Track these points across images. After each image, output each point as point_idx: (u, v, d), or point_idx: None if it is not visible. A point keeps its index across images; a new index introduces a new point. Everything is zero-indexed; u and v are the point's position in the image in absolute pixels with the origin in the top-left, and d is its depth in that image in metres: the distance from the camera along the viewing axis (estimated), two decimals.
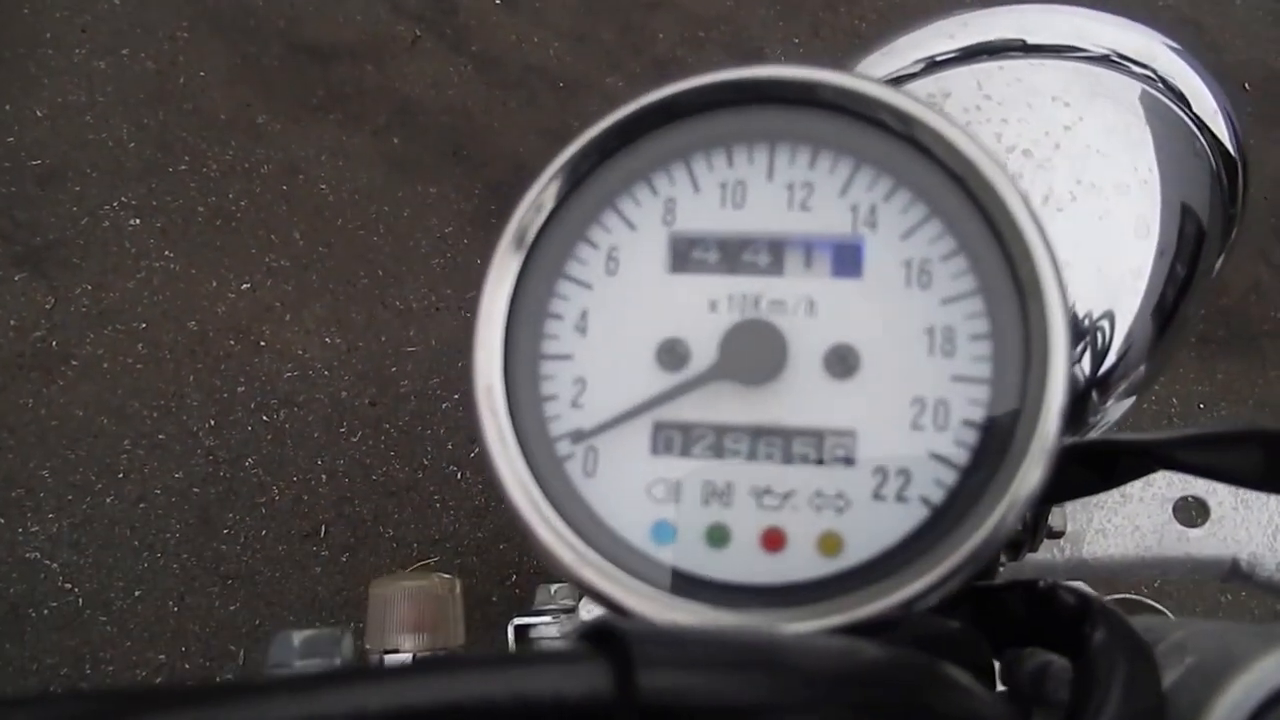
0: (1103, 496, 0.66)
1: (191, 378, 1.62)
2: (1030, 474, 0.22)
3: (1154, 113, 0.43)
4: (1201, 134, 0.44)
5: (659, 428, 0.24)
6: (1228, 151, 0.45)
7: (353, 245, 1.83)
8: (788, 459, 0.24)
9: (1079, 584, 0.74)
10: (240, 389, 1.63)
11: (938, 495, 0.23)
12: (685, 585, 0.23)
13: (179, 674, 1.41)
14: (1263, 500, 0.65)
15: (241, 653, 1.44)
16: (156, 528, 1.49)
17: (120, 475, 1.53)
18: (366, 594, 0.54)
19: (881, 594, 0.22)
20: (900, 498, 0.23)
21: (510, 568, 1.60)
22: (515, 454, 0.24)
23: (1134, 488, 0.67)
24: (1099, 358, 0.41)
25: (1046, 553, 0.66)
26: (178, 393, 1.60)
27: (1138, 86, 0.42)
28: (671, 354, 0.24)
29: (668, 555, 0.23)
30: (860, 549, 0.23)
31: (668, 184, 0.25)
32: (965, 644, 0.27)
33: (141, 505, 1.51)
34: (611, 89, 2.08)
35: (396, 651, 0.51)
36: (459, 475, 1.62)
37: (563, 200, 0.25)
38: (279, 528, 1.52)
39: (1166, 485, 0.67)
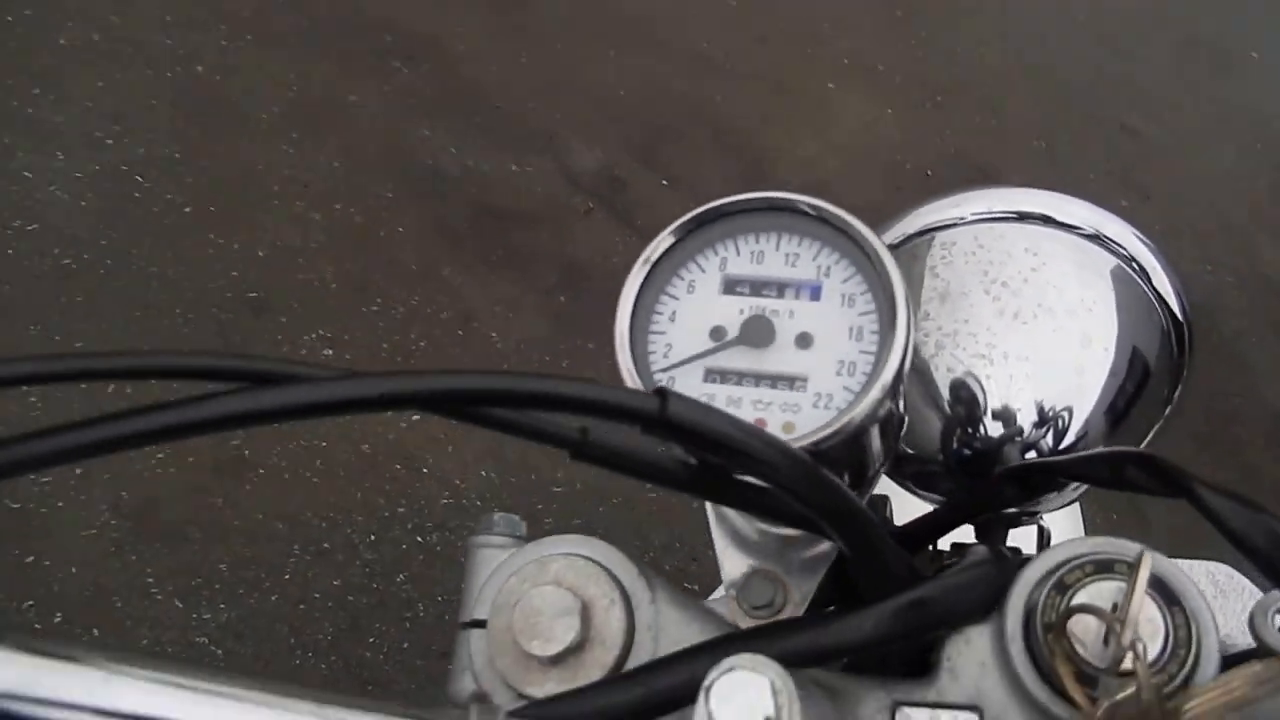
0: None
1: (359, 495, 1.83)
2: (883, 386, 0.42)
3: (1120, 279, 0.64)
4: (1157, 302, 0.64)
5: (708, 371, 0.45)
6: (1177, 317, 0.65)
7: None
8: (774, 387, 0.44)
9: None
10: (400, 509, 1.82)
11: (844, 402, 0.43)
12: None
13: None
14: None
15: None
16: (312, 629, 1.66)
17: (286, 576, 1.71)
18: None
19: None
20: (826, 408, 0.43)
21: None
22: (632, 371, 0.45)
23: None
24: (1059, 437, 0.60)
25: None
26: (345, 507, 1.81)
27: (1114, 260, 0.64)
28: (717, 332, 0.46)
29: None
30: (803, 430, 0.43)
31: (723, 250, 0.47)
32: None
33: (301, 606, 1.68)
34: None
35: None
36: None
37: (667, 252, 0.47)
38: (420, 643, 1.66)
39: None
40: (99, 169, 2.23)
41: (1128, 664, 0.36)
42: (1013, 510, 0.62)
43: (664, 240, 0.47)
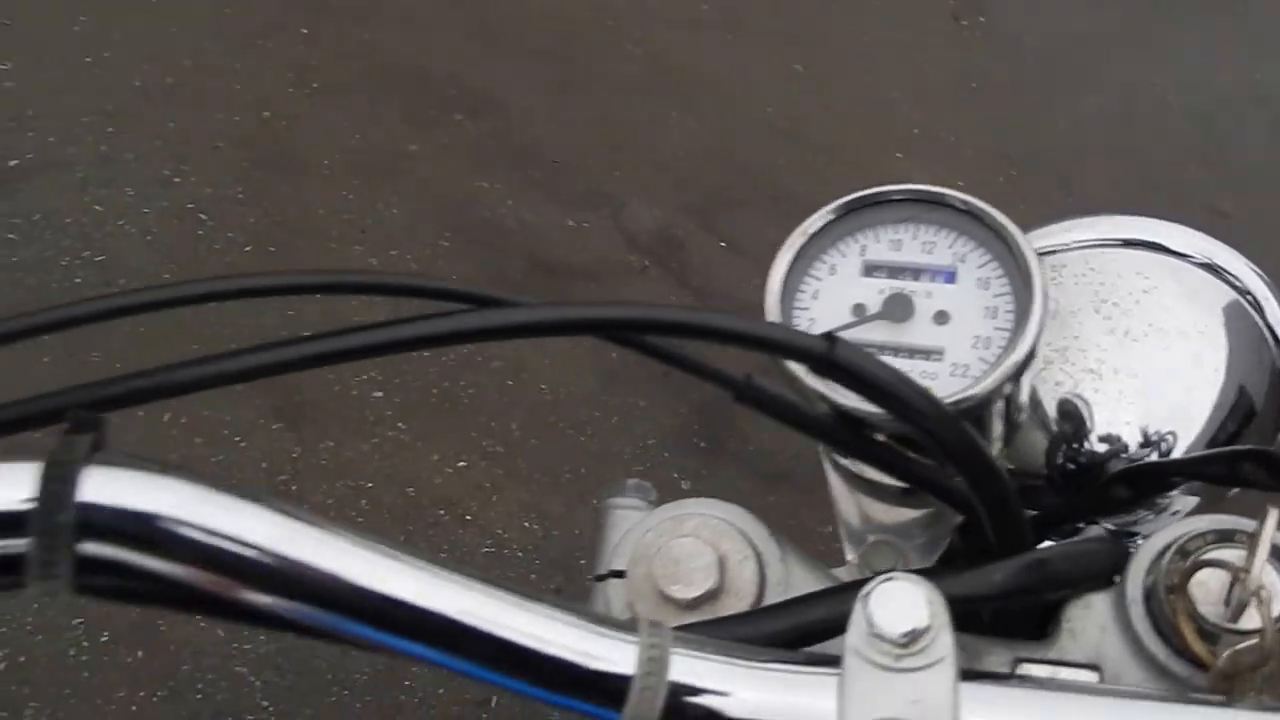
0: None
1: (402, 537, 1.92)
2: (1017, 361, 0.46)
3: (1232, 312, 0.67)
4: (1271, 338, 0.68)
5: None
6: None
7: (562, 442, 2.15)
8: (911, 358, 0.49)
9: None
10: (442, 554, 1.90)
11: (980, 371, 0.47)
12: None
13: None
14: None
15: None
16: (349, 668, 1.74)
17: None
18: None
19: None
20: (963, 376, 0.48)
21: None
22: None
23: None
24: (1164, 457, 0.63)
25: None
26: None
27: (1226, 291, 0.68)
28: (858, 310, 0.50)
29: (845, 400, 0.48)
30: (941, 395, 0.45)
31: (863, 238, 0.52)
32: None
33: None
34: None
35: None
36: None
37: (815, 235, 0.52)
38: (456, 690, 1.74)
39: None
40: (166, 205, 2.41)
41: (1247, 623, 0.40)
42: (1113, 527, 0.65)
43: (822, 216, 0.52)
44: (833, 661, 0.35)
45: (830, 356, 0.40)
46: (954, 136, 2.90)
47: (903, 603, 0.35)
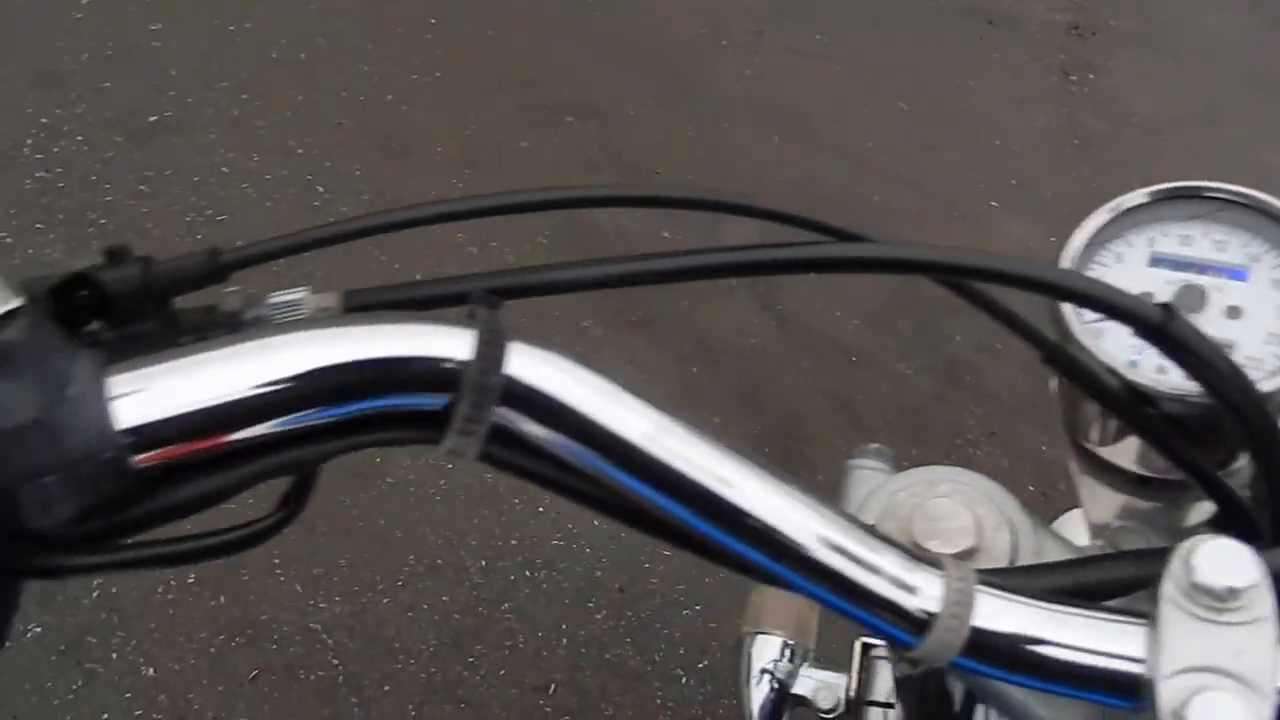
0: None
1: (476, 520, 1.95)
2: None
3: None
4: None
5: None
6: None
7: None
8: None
9: None
10: (513, 542, 1.94)
11: (1275, 367, 0.48)
12: None
13: None
14: None
15: None
16: (415, 638, 1.77)
17: (399, 583, 1.81)
18: None
19: None
20: (1257, 369, 0.47)
21: None
22: (1071, 317, 0.50)
23: None
24: None
25: None
26: (463, 530, 1.91)
27: None
28: (1147, 297, 0.48)
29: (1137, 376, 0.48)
30: None
31: (1152, 232, 0.53)
32: None
33: (409, 614, 1.77)
34: (899, 374, 2.38)
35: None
36: (684, 680, 1.79)
37: (1112, 219, 0.52)
38: (515, 672, 1.76)
39: None
40: (286, 174, 2.46)
41: None
42: None
43: (1134, 197, 0.53)
44: (1130, 615, 0.36)
45: (1165, 326, 0.40)
46: (1051, 191, 2.85)
47: (1227, 559, 0.35)
